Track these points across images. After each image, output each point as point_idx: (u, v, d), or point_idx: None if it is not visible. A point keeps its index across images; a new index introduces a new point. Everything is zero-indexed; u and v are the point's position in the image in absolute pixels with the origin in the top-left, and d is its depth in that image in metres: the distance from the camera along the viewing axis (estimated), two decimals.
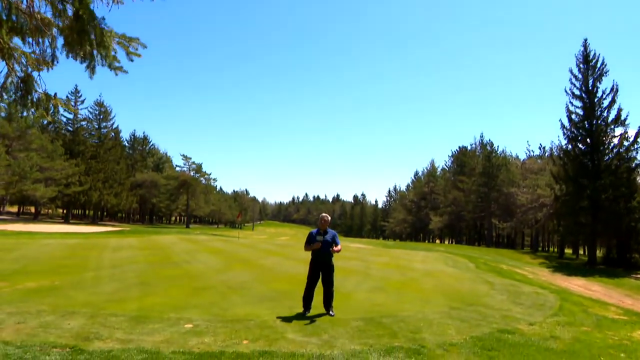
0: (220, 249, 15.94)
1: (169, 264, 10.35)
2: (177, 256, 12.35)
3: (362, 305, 6.06)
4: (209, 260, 11.61)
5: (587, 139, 24.93)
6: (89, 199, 42.77)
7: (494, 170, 47.30)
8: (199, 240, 21.36)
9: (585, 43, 25.51)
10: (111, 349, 3.61)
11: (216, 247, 16.81)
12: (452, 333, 4.62)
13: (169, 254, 13.09)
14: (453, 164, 61.56)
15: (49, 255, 11.35)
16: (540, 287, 9.55)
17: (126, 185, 49.19)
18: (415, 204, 69.81)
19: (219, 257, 12.67)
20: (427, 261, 15.13)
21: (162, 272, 8.69)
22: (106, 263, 9.99)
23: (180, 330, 4.29)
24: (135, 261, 10.57)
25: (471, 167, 52.46)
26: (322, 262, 5.42)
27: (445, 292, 7.72)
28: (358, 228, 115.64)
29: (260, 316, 5.04)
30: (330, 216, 5.80)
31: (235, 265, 10.52)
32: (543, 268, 21.19)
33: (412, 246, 29.33)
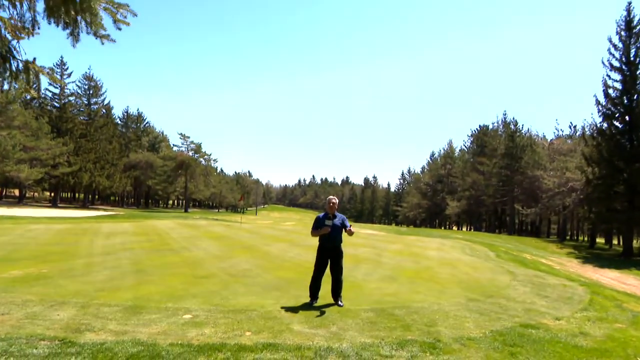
0: (221, 235, 16.12)
1: (166, 250, 10.48)
2: (175, 242, 12.50)
3: (373, 295, 6.08)
4: (209, 246, 11.74)
5: (626, 116, 24.17)
6: (79, 181, 42.57)
7: (517, 151, 46.48)
8: (198, 225, 21.63)
9: (629, 7, 24.30)
10: (104, 341, 3.64)
11: (217, 233, 17.00)
12: (470, 327, 4.61)
13: (166, 240, 13.25)
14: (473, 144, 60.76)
15: (36, 241, 11.41)
16: (567, 279, 9.48)
17: (119, 166, 49.17)
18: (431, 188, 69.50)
19: (219, 243, 12.79)
20: (443, 249, 15.11)
21: (159, 259, 8.81)
22: (98, 250, 10.12)
23: (178, 321, 4.35)
24: (129, 248, 10.72)
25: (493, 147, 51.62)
26: (330, 249, 5.42)
27: (463, 282, 7.70)
28: (369, 213, 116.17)
29: (264, 306, 5.09)
30: (339, 200, 5.74)
31: (238, 252, 10.62)
32: (571, 258, 21.08)
33: (427, 233, 29.34)
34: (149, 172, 61.66)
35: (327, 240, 5.40)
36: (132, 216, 30.57)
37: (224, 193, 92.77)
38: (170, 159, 61.38)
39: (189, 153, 64.16)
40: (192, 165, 62.00)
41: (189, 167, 61.73)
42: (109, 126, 49.65)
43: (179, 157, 60.85)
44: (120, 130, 63.30)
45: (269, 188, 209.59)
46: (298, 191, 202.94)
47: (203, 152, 65.30)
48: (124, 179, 49.87)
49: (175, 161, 60.82)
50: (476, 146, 58.51)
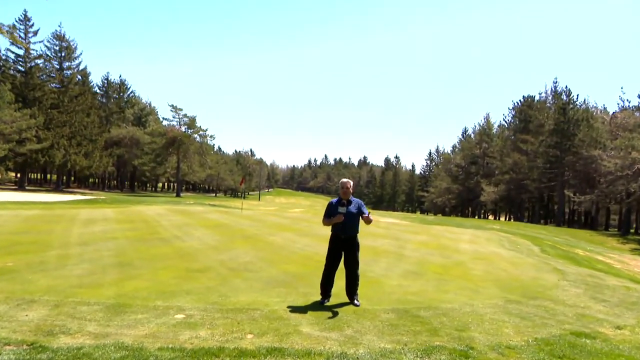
0: (219, 223, 16.28)
1: (155, 240, 10.62)
2: (166, 231, 12.66)
3: (394, 293, 6.08)
4: (205, 236, 11.87)
5: None
6: (51, 160, 41.76)
7: (570, 126, 45.32)
8: (192, 212, 21.91)
9: None
10: (81, 345, 3.66)
11: (214, 220, 17.18)
12: (509, 333, 4.56)
13: (156, 228, 13.44)
14: (514, 119, 59.58)
15: (0, 229, 11.54)
16: (631, 280, 9.33)
17: (99, 143, 48.83)
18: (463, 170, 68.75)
19: (217, 232, 12.93)
20: (477, 241, 15.00)
21: (147, 251, 8.92)
22: (75, 239, 10.25)
23: (169, 321, 4.40)
24: (112, 237, 10.87)
25: (539, 122, 50.52)
26: (344, 239, 5.40)
27: (500, 280, 7.63)
28: (390, 199, 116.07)
29: (268, 305, 5.13)
30: (354, 183, 5.66)
31: (238, 243, 10.71)
32: (636, 256, 20.71)
33: (458, 222, 29.15)
34: (135, 150, 62.32)
35: (341, 229, 5.37)
36: (114, 201, 31.11)
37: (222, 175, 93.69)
38: (160, 135, 61.78)
39: (182, 128, 64.50)
40: (185, 142, 62.41)
41: (181, 144, 62.14)
42: (86, 95, 48.78)
43: (169, 132, 61.19)
44: (100, 100, 63.67)
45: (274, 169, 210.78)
46: (308, 173, 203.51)
47: (198, 127, 65.57)
48: (105, 158, 49.94)
49: (165, 137, 61.22)
50: (519, 121, 57.32)
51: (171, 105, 63.94)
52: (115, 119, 64.67)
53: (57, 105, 43.76)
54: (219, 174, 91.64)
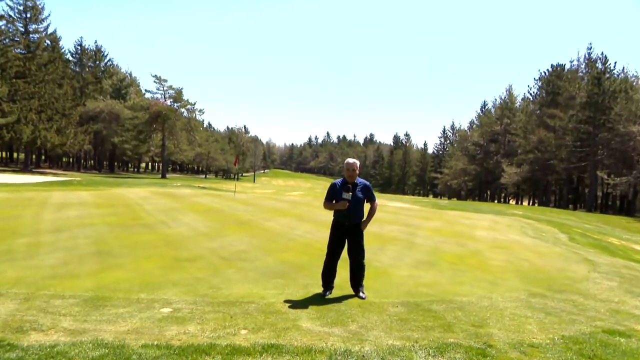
0: (210, 207, 16.31)
1: (138, 226, 10.66)
2: (150, 216, 12.70)
3: (403, 285, 6.10)
4: (195, 221, 11.90)
5: None
6: (18, 136, 41.06)
7: (605, 99, 44.80)
8: (180, 195, 21.96)
9: None
10: (55, 342, 3.66)
11: (204, 204, 17.21)
12: (532, 330, 4.58)
13: (139, 213, 13.48)
14: (541, 91, 59.05)
15: None
16: None
17: (73, 118, 48.32)
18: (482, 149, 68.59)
19: (207, 217, 12.97)
20: (496, 228, 15.03)
21: (129, 238, 8.95)
22: (47, 226, 10.25)
23: (154, 316, 4.42)
24: (89, 223, 10.88)
25: (569, 95, 50.04)
26: (348, 226, 5.39)
27: (523, 272, 7.65)
28: (399, 181, 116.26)
29: (264, 297, 5.15)
30: (361, 163, 5.62)
31: (231, 229, 10.74)
32: None
33: (476, 207, 29.19)
34: (114, 125, 62.09)
35: (344, 215, 5.37)
36: (92, 183, 31.18)
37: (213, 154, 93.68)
38: (142, 109, 61.48)
39: (167, 102, 64.13)
40: (171, 117, 62.15)
41: (166, 119, 61.88)
42: (56, 63, 47.84)
43: (153, 106, 60.82)
44: (73, 69, 62.91)
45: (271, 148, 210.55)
46: (308, 152, 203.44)
47: (185, 101, 65.19)
48: (80, 135, 49.62)
49: (148, 112, 60.93)
50: (546, 93, 56.81)
51: (154, 75, 63.20)
52: (91, 90, 64.06)
53: (24, 74, 42.93)
54: (209, 153, 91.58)
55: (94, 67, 67.64)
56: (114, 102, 63.96)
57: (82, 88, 62.55)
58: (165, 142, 63.71)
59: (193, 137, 70.60)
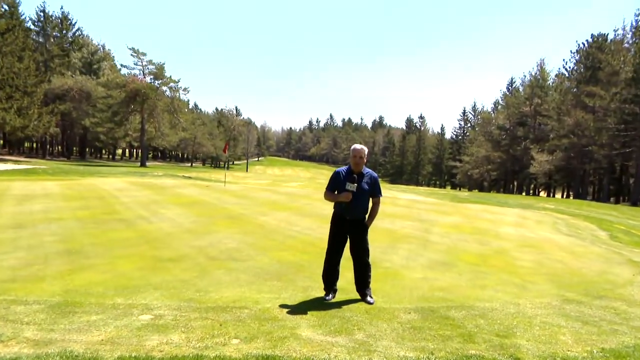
0: (196, 199, 16.36)
1: (113, 222, 10.68)
2: (128, 210, 12.74)
3: (417, 288, 6.11)
4: (179, 216, 11.94)
5: None
6: None
7: None
8: (162, 186, 21.98)
9: None
10: (17, 355, 3.64)
11: (189, 197, 17.24)
12: (566, 341, 4.57)
13: (114, 206, 13.53)
14: (578, 65, 58.56)
15: None
16: None
17: (37, 96, 47.67)
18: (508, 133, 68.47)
19: (193, 211, 13.00)
20: (524, 224, 15.04)
21: (103, 235, 8.97)
22: (6, 221, 10.25)
23: (132, 323, 4.41)
24: (57, 218, 10.89)
25: (612, 70, 49.58)
26: (349, 220, 5.39)
27: (555, 274, 7.65)
28: (412, 170, 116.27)
29: (258, 302, 5.16)
30: (368, 150, 5.60)
31: (220, 225, 10.77)
32: None
33: (500, 200, 29.16)
34: (85, 106, 61.93)
35: (347, 208, 5.35)
36: (59, 172, 31.17)
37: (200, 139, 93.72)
38: (118, 87, 61.32)
39: (146, 79, 63.95)
40: (151, 96, 62.01)
41: (146, 99, 61.80)
42: (16, 33, 46.20)
43: (130, 84, 60.66)
44: (36, 40, 62.34)
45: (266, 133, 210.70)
46: (308, 138, 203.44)
47: (168, 78, 65.01)
48: (45, 116, 49.22)
49: (124, 90, 60.76)
50: (584, 68, 56.34)
51: (132, 48, 63.02)
52: (58, 65, 63.78)
53: None
54: (196, 137, 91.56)
55: (60, 37, 67.21)
56: (85, 78, 63.76)
57: (47, 62, 62.32)
58: (144, 125, 63.71)
59: (177, 120, 70.35)
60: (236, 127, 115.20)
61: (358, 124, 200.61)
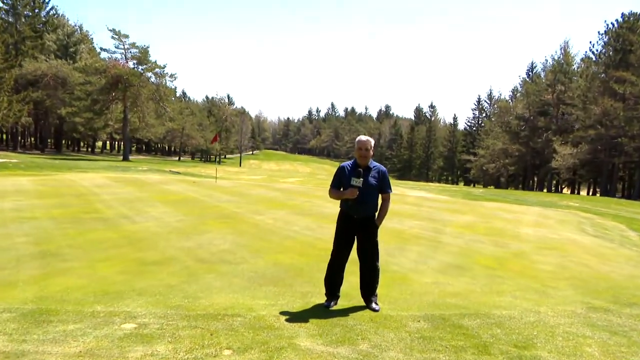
0: (185, 197, 16.39)
1: (93, 221, 10.69)
2: (109, 208, 12.75)
3: (427, 294, 6.12)
4: (165, 215, 11.96)
5: None
6: None
7: None
8: (147, 182, 21.99)
9: None
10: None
11: (177, 194, 17.27)
12: (593, 353, 4.57)
13: (94, 204, 13.54)
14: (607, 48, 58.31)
15: None
16: None
17: (6, 82, 47.57)
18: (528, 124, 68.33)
19: (182, 209, 13.03)
20: (545, 224, 15.03)
21: (82, 236, 8.97)
22: None
23: (114, 333, 4.41)
24: (30, 217, 10.90)
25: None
26: (358, 220, 5.38)
27: (580, 279, 7.65)
28: (422, 164, 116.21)
29: (252, 309, 5.17)
30: (374, 142, 5.59)
31: (211, 224, 10.80)
32: None
33: (519, 197, 29.15)
34: (61, 93, 61.70)
35: (354, 206, 5.34)
36: (33, 166, 31.18)
37: (189, 130, 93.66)
38: (97, 73, 61.23)
39: (129, 63, 63.85)
40: (135, 83, 61.98)
41: (128, 86, 61.78)
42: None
43: (111, 69, 60.57)
44: (5, 20, 62.01)
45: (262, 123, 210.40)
46: (307, 129, 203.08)
47: (152, 63, 64.95)
48: (16, 105, 48.98)
49: (105, 76, 60.70)
50: (613, 51, 56.04)
51: (112, 30, 62.83)
52: (30, 47, 63.49)
53: None
54: (184, 129, 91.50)
55: (32, 17, 66.86)
56: (60, 62, 63.54)
57: (17, 44, 62.00)
58: (127, 115, 63.63)
59: (163, 109, 70.42)
60: (228, 117, 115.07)
61: (362, 113, 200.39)
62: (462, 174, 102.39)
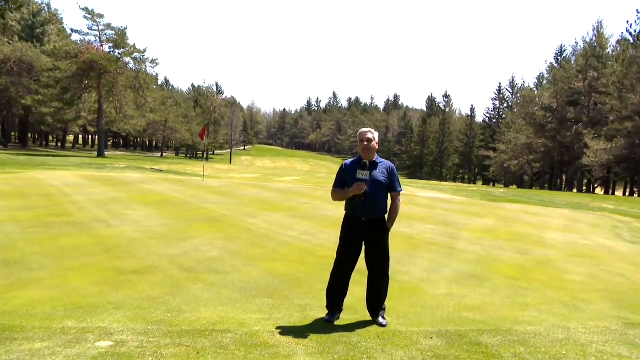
0: (168, 198, 16.42)
1: (64, 225, 10.70)
2: (82, 211, 12.76)
3: (441, 308, 6.13)
4: (146, 218, 11.97)
5: None
6: None
7: None
8: (125, 181, 21.99)
9: None
10: None
11: (160, 194, 17.30)
12: None
13: (64, 206, 13.53)
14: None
15: None
16: None
17: None
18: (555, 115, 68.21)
19: (165, 212, 13.06)
20: (575, 228, 15.03)
21: (51, 242, 8.96)
22: None
23: (87, 352, 4.40)
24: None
25: None
26: (366, 222, 5.37)
27: (616, 291, 7.64)
28: (435, 161, 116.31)
29: (244, 324, 5.16)
30: (381, 137, 5.57)
31: (198, 229, 10.82)
32: None
33: (545, 198, 29.12)
34: (26, 80, 61.49)
35: (361, 207, 5.33)
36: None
37: (172, 123, 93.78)
38: (68, 57, 61.09)
39: (104, 47, 63.78)
40: (111, 69, 61.88)
41: (103, 72, 61.70)
42: None
43: (84, 53, 60.36)
44: None
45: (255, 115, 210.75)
46: (306, 121, 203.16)
47: (131, 47, 64.90)
48: None
49: (77, 61, 60.52)
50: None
51: (85, 8, 62.77)
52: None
53: None
54: (167, 121, 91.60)
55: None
56: (26, 45, 63.33)
57: None
58: (102, 105, 63.55)
59: (143, 99, 70.27)
60: (217, 108, 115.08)
61: (367, 104, 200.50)
62: (480, 172, 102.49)
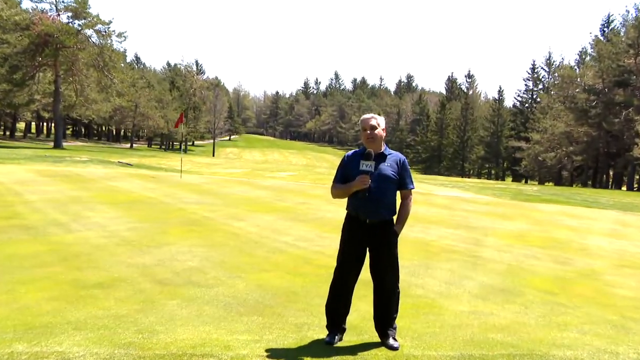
0: (139, 197, 16.47)
1: (13, 229, 10.76)
2: (35, 212, 12.80)
3: (463, 327, 6.12)
4: (113, 221, 11.99)
5: None
6: None
7: None
8: (87, 178, 22.01)
9: None
10: None
11: (129, 193, 17.36)
12: None
13: (14, 207, 13.64)
14: None
15: None
16: None
17: None
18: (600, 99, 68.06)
19: (135, 214, 13.10)
20: (624, 234, 15.06)
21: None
22: None
23: None
24: None
25: None
26: (370, 225, 5.36)
27: None
28: (455, 154, 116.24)
29: (230, 347, 5.16)
30: (390, 125, 5.57)
31: (174, 233, 10.86)
32: None
33: (588, 197, 29.12)
34: None
35: (365, 206, 5.31)
36: None
37: (144, 108, 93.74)
38: (17, 29, 61.03)
39: (61, 17, 63.70)
40: (69, 44, 61.85)
41: (61, 48, 61.68)
42: None
43: (37, 25, 60.26)
44: None
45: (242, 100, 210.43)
46: (303, 107, 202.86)
47: (94, 17, 64.82)
48: None
49: (28, 34, 60.47)
50: None
51: None
52: None
53: None
54: (137, 106, 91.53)
55: None
56: None
57: None
58: (59, 87, 63.46)
59: (108, 80, 70.09)
60: (197, 90, 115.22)
61: (375, 86, 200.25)
62: (510, 167, 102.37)
